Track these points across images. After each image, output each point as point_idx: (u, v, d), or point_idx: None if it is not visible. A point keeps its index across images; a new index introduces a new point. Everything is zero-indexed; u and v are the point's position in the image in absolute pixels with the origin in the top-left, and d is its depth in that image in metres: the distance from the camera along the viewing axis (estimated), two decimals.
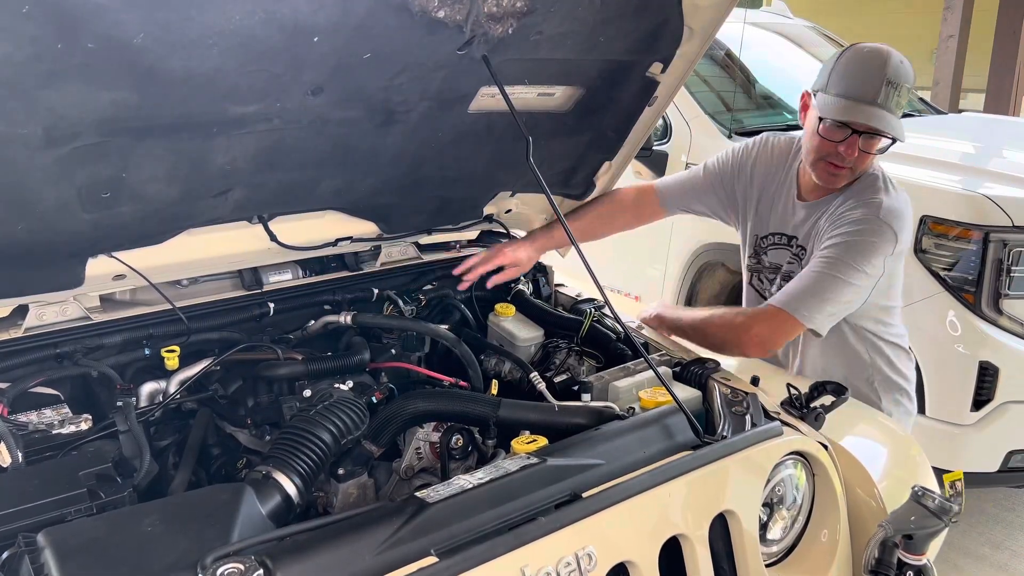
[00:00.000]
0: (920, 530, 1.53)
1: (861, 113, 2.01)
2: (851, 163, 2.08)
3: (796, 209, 2.27)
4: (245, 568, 1.17)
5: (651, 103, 2.19)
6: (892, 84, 2.00)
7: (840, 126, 2.04)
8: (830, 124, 2.05)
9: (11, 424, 1.57)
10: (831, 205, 2.18)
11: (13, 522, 1.33)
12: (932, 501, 1.53)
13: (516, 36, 1.68)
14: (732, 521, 1.60)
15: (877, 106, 2.00)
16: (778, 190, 2.32)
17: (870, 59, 2.03)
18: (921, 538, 1.54)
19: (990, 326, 3.03)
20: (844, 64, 2.07)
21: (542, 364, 2.18)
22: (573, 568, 1.33)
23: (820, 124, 2.07)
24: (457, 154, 2.07)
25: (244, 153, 1.71)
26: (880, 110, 2.00)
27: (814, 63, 4.87)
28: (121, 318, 1.89)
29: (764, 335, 2.08)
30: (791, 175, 2.31)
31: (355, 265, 2.31)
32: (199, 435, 1.80)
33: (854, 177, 2.14)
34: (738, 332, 2.11)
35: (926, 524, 1.53)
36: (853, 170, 2.11)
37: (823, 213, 2.19)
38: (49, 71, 1.29)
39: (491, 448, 1.78)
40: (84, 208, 1.61)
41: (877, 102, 2.00)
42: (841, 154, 2.06)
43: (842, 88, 2.04)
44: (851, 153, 2.05)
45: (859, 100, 2.01)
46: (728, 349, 2.14)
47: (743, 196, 2.41)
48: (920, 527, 1.53)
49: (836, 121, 2.04)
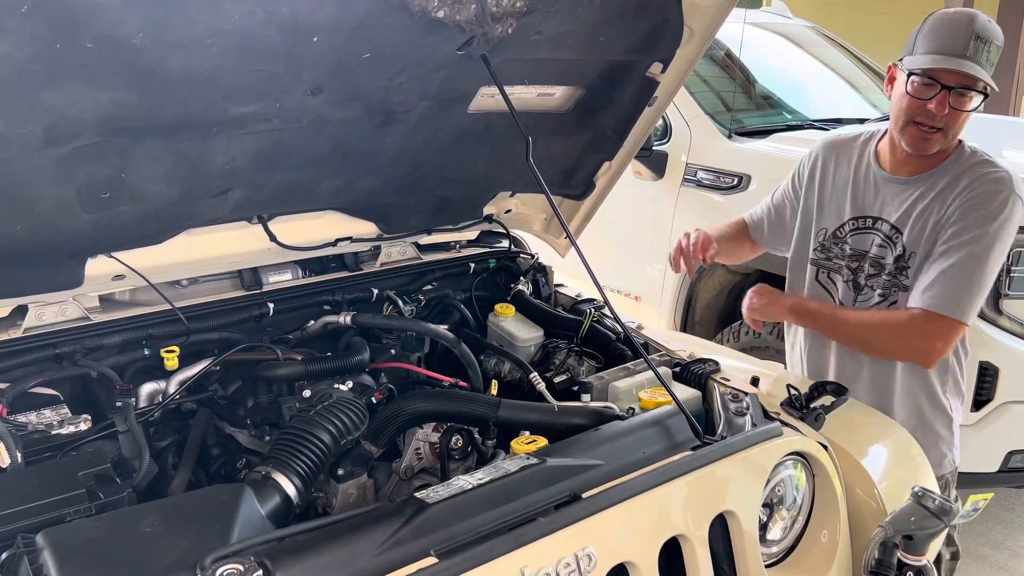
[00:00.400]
0: (920, 531, 1.53)
1: (948, 63, 1.92)
2: (942, 122, 1.98)
3: (882, 186, 2.17)
4: (245, 568, 1.17)
5: (651, 103, 2.19)
6: (981, 39, 1.94)
7: (928, 83, 1.96)
8: (918, 81, 1.97)
9: (10, 424, 1.56)
10: (937, 185, 2.07)
11: (12, 523, 1.33)
12: (932, 502, 1.53)
13: (516, 36, 1.68)
14: (732, 521, 1.60)
15: (966, 59, 1.92)
16: (853, 174, 2.23)
17: (957, 17, 1.98)
18: (921, 539, 1.53)
19: (990, 326, 3.02)
20: (930, 25, 2.01)
21: (542, 364, 2.18)
22: (573, 569, 1.32)
23: (908, 83, 1.99)
24: (457, 154, 2.07)
25: (244, 153, 1.71)
26: (969, 62, 1.92)
27: (814, 63, 4.88)
28: (121, 318, 1.89)
29: (938, 347, 2.03)
30: (867, 156, 2.22)
31: (355, 265, 2.31)
32: (199, 435, 1.80)
33: (947, 143, 2.04)
34: (910, 338, 2.05)
35: (926, 525, 1.52)
36: (945, 133, 2.01)
37: (926, 193, 2.08)
38: (49, 71, 1.29)
39: (491, 448, 1.78)
40: (84, 208, 1.61)
41: (966, 55, 1.92)
42: (931, 112, 1.97)
43: (928, 45, 1.97)
44: (941, 109, 1.96)
45: (947, 54, 1.93)
46: (898, 355, 2.12)
47: (807, 196, 2.33)
48: (920, 528, 1.53)
49: (924, 77, 1.96)
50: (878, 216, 2.18)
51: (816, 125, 4.03)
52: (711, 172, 3.78)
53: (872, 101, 4.65)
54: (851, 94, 4.74)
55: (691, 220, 3.85)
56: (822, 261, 2.29)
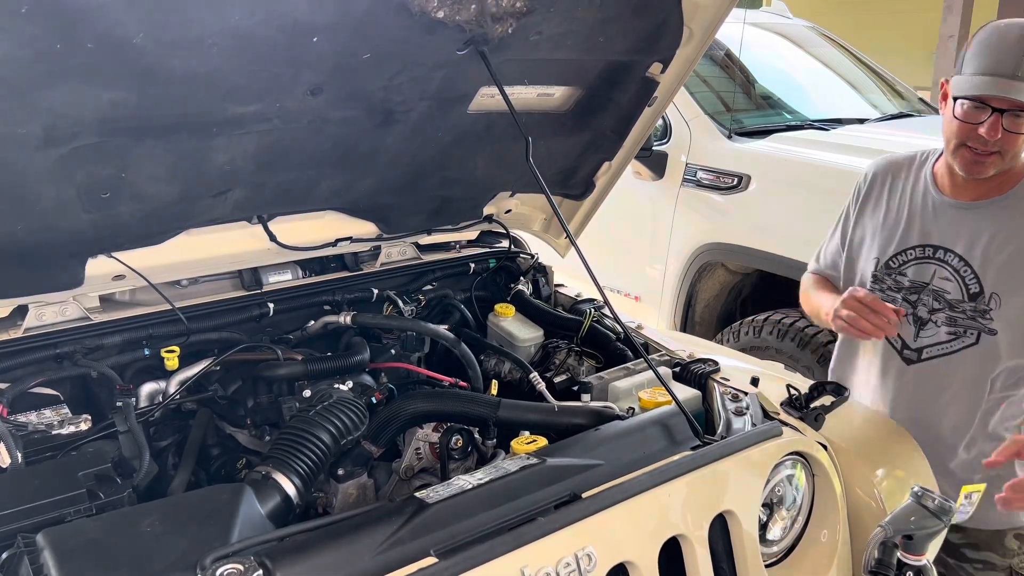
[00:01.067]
0: (920, 530, 1.53)
1: (997, 86, 1.79)
2: (997, 146, 1.84)
3: (943, 212, 2.00)
4: (245, 568, 1.17)
5: (651, 103, 2.19)
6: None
7: (978, 106, 1.82)
8: (967, 105, 1.84)
9: (11, 424, 1.57)
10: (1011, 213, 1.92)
11: (12, 522, 1.33)
12: (932, 501, 1.53)
13: (516, 36, 1.68)
14: (732, 521, 1.60)
15: (1017, 79, 1.77)
16: (909, 198, 2.07)
17: (1006, 32, 1.82)
18: (921, 538, 1.53)
19: None
20: (978, 41, 1.86)
21: (542, 364, 2.18)
22: (573, 568, 1.32)
23: (957, 106, 1.86)
24: (457, 154, 2.07)
25: (244, 153, 1.71)
26: (1019, 83, 1.77)
27: (814, 63, 4.88)
28: (121, 318, 1.89)
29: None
30: (923, 178, 2.06)
31: (355, 265, 2.31)
32: (199, 435, 1.80)
33: (1008, 164, 1.89)
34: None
35: (926, 524, 1.52)
36: (1003, 155, 1.86)
37: (1000, 221, 1.93)
38: (49, 71, 1.29)
39: (491, 448, 1.78)
40: (84, 208, 1.61)
41: (1018, 75, 1.77)
42: (983, 137, 1.82)
43: (976, 65, 1.83)
44: (993, 134, 1.81)
45: (995, 74, 1.79)
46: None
47: (857, 223, 2.16)
48: (920, 527, 1.53)
49: (973, 101, 1.83)
50: (939, 245, 2.00)
51: (816, 125, 4.02)
52: (711, 172, 3.78)
53: (872, 101, 4.65)
54: (851, 94, 4.74)
55: (691, 220, 3.86)
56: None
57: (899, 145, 3.75)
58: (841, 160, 3.52)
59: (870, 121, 4.28)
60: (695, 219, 3.84)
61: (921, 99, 4.94)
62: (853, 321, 1.93)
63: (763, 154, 3.71)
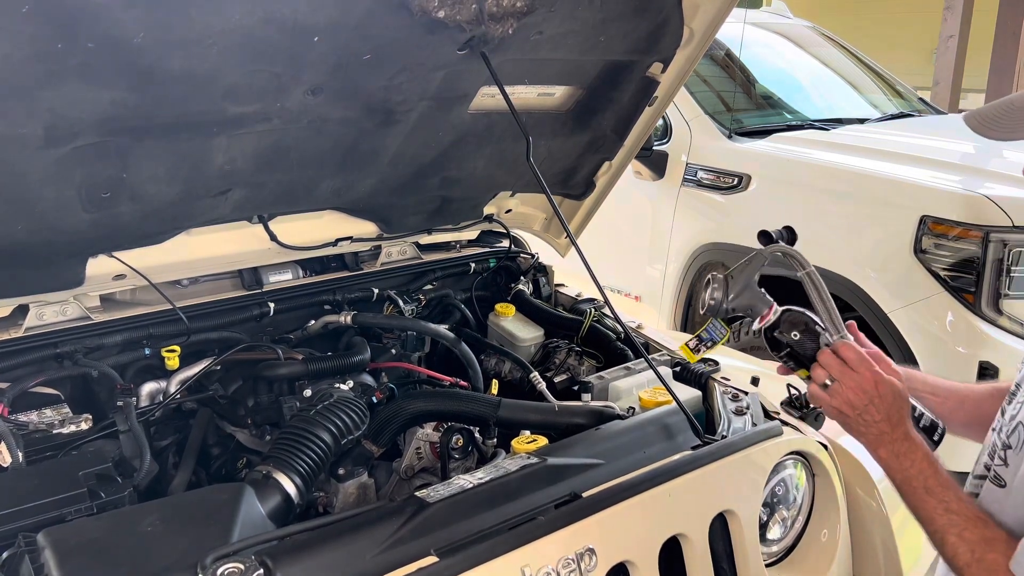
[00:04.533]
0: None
1: None
2: None
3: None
4: (245, 568, 1.18)
5: (651, 103, 2.19)
6: None
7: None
8: None
9: (11, 424, 1.57)
10: None
11: (13, 522, 1.33)
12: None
13: (516, 36, 1.68)
14: (732, 521, 1.60)
15: None
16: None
17: None
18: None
19: (990, 326, 3.03)
20: None
21: (542, 364, 2.18)
22: (573, 568, 1.33)
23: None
24: (457, 154, 2.07)
25: (244, 153, 1.71)
26: None
27: (814, 63, 4.88)
28: (121, 318, 1.89)
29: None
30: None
31: (355, 265, 2.31)
32: (199, 435, 1.80)
33: None
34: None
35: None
36: None
37: None
38: (49, 71, 1.29)
39: (491, 448, 1.78)
40: (84, 208, 1.61)
41: None
42: None
43: None
44: None
45: None
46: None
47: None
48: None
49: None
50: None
51: (816, 125, 4.03)
52: (711, 172, 3.79)
53: (872, 101, 4.65)
54: (851, 94, 4.75)
55: (691, 220, 3.86)
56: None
57: (899, 145, 3.77)
58: (841, 160, 3.52)
59: (870, 121, 4.29)
60: (695, 219, 3.85)
61: (921, 99, 4.95)
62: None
63: (763, 154, 3.71)
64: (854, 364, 1.37)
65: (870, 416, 1.35)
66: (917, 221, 3.10)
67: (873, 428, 1.35)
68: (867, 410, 1.34)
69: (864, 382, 1.35)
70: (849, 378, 1.36)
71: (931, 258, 3.11)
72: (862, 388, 1.35)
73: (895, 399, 1.35)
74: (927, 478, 1.31)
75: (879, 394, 1.34)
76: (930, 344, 3.09)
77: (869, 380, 1.35)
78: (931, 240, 3.11)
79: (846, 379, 1.36)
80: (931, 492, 1.30)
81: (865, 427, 1.36)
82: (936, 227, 3.10)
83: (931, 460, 1.34)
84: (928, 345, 3.09)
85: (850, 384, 1.36)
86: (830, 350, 1.40)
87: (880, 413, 1.34)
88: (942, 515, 1.29)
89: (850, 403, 1.36)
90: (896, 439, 1.34)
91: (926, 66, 8.83)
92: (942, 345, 3.09)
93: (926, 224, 3.10)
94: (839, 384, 1.37)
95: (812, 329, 1.45)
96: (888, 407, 1.34)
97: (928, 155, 3.60)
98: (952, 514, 1.28)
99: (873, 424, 1.35)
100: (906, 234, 3.15)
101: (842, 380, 1.36)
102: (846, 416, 1.37)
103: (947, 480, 1.32)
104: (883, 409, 1.34)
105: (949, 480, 1.32)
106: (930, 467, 1.32)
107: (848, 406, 1.36)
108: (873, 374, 1.35)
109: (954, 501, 1.29)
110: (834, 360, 1.38)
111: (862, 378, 1.35)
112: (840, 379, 1.37)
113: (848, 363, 1.37)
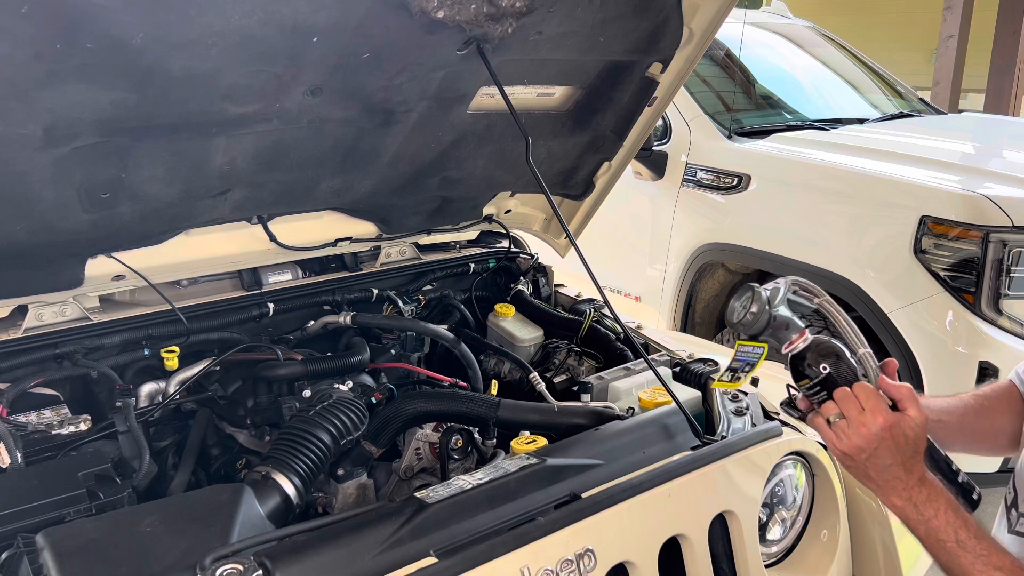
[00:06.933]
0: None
1: None
2: None
3: None
4: (244, 568, 1.18)
5: (651, 103, 2.19)
6: None
7: None
8: None
9: (11, 424, 1.57)
10: None
11: (12, 523, 1.33)
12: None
13: (516, 36, 1.67)
14: (732, 521, 1.60)
15: None
16: None
17: None
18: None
19: (990, 326, 3.03)
20: None
21: (542, 364, 2.18)
22: (573, 568, 1.33)
23: None
24: (457, 154, 2.07)
25: (243, 153, 1.71)
26: None
27: (814, 63, 4.88)
28: (120, 318, 1.89)
29: None
30: None
31: (355, 265, 2.31)
32: (199, 435, 1.80)
33: None
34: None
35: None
36: None
37: None
38: (49, 71, 1.29)
39: (491, 448, 1.78)
40: (83, 208, 1.61)
41: None
42: None
43: None
44: None
45: None
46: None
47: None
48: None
49: None
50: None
51: (816, 125, 4.03)
52: (711, 172, 3.79)
53: (872, 101, 4.65)
54: (851, 94, 4.75)
55: (691, 220, 3.86)
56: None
57: (899, 145, 3.77)
58: (841, 160, 3.52)
59: (870, 121, 4.29)
60: (695, 219, 3.85)
61: (921, 99, 4.95)
62: None
63: (763, 154, 3.71)
64: (867, 405, 1.25)
65: (880, 461, 1.24)
66: (917, 221, 3.10)
67: (884, 473, 1.25)
68: (876, 454, 1.24)
69: (874, 426, 1.24)
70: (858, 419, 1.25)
71: (931, 258, 3.11)
72: (871, 432, 1.24)
73: (908, 443, 1.24)
74: (956, 529, 1.21)
75: (892, 437, 1.23)
76: (930, 344, 3.09)
77: (881, 424, 1.23)
78: (931, 240, 3.11)
79: (854, 420, 1.25)
80: (964, 546, 1.20)
81: (875, 472, 1.26)
82: (936, 227, 3.10)
83: (956, 508, 1.24)
84: (928, 345, 3.09)
85: (858, 428, 1.25)
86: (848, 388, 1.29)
87: (892, 457, 1.24)
88: (982, 571, 1.19)
89: (858, 447, 1.25)
90: (911, 485, 1.24)
91: (926, 66, 8.83)
92: (942, 345, 3.08)
93: (926, 224, 3.10)
94: (846, 424, 1.26)
95: (845, 360, 1.34)
96: (901, 450, 1.24)
97: (928, 155, 3.60)
98: (996, 570, 1.18)
99: (884, 469, 1.25)
100: (906, 234, 3.15)
101: (851, 421, 1.26)
102: (851, 460, 1.28)
103: (979, 529, 1.22)
104: (895, 453, 1.24)
105: (980, 529, 1.23)
106: (957, 516, 1.22)
107: (856, 450, 1.26)
108: (886, 418, 1.24)
109: (994, 554, 1.20)
110: (849, 398, 1.28)
111: (873, 422, 1.24)
112: (850, 420, 1.26)
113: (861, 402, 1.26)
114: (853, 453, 1.26)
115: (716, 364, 1.99)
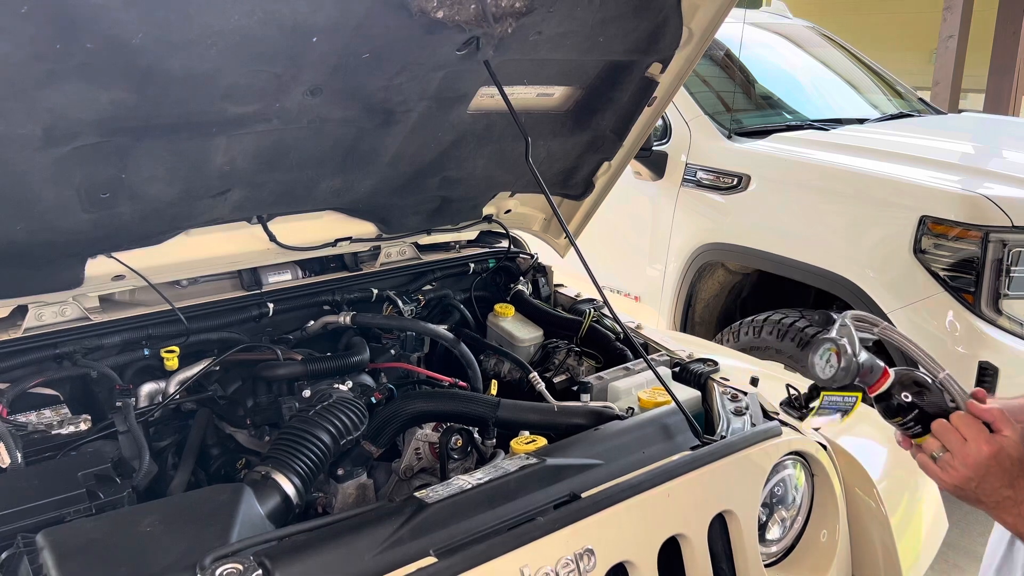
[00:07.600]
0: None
1: None
2: None
3: None
4: (244, 568, 1.18)
5: (650, 103, 2.19)
6: None
7: None
8: None
9: (10, 424, 1.57)
10: None
11: (12, 522, 1.33)
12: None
13: (515, 36, 1.68)
14: (731, 521, 1.60)
15: None
16: None
17: None
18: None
19: (989, 326, 3.03)
20: None
21: (541, 364, 2.18)
22: (572, 568, 1.33)
23: None
24: (457, 154, 2.07)
25: (243, 153, 1.71)
26: None
27: (814, 63, 4.88)
28: (120, 318, 1.89)
29: None
30: None
31: (355, 265, 2.31)
32: (198, 435, 1.80)
33: None
34: None
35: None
36: None
37: None
38: (49, 71, 1.29)
39: (490, 448, 1.78)
40: (83, 208, 1.61)
41: None
42: None
43: None
44: None
45: None
46: None
47: None
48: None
49: None
50: None
51: (816, 125, 4.03)
52: (711, 172, 3.79)
53: (872, 101, 4.65)
54: (851, 94, 4.75)
55: (691, 220, 3.86)
56: None
57: (899, 145, 3.77)
58: (841, 160, 3.52)
59: (870, 121, 4.29)
60: (695, 219, 3.85)
61: (921, 99, 4.95)
62: None
63: (763, 154, 3.71)
64: (968, 435, 1.27)
65: (989, 486, 1.26)
66: (917, 221, 3.10)
67: (994, 496, 1.27)
68: (985, 480, 1.26)
69: (980, 455, 1.25)
70: (963, 451, 1.26)
71: (931, 258, 3.11)
72: (978, 461, 1.26)
73: (1014, 464, 1.26)
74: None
75: (998, 463, 1.25)
76: (929, 344, 3.09)
77: (987, 453, 1.25)
78: (931, 240, 3.11)
79: (959, 452, 1.27)
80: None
81: (985, 496, 1.28)
82: (936, 227, 3.10)
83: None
84: (927, 345, 3.06)
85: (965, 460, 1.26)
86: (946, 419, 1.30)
87: (1000, 480, 1.26)
88: None
89: (967, 478, 1.27)
90: (1019, 501, 1.26)
91: (926, 66, 8.83)
92: (942, 345, 3.08)
93: (926, 224, 3.10)
94: (951, 457, 1.28)
95: (927, 388, 1.33)
96: (1008, 472, 1.26)
97: (928, 155, 3.60)
98: None
99: (994, 492, 1.27)
100: (906, 234, 3.14)
101: (956, 453, 1.27)
102: (962, 491, 1.29)
103: None
104: (1002, 476, 1.25)
105: None
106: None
107: (965, 480, 1.27)
108: (991, 446, 1.26)
109: None
110: (950, 430, 1.29)
111: (979, 452, 1.26)
112: (954, 452, 1.27)
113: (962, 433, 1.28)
114: (963, 484, 1.28)
115: (716, 364, 1.99)
